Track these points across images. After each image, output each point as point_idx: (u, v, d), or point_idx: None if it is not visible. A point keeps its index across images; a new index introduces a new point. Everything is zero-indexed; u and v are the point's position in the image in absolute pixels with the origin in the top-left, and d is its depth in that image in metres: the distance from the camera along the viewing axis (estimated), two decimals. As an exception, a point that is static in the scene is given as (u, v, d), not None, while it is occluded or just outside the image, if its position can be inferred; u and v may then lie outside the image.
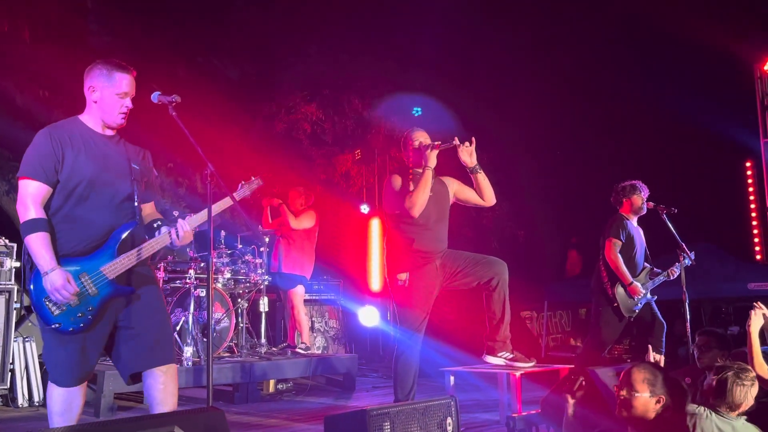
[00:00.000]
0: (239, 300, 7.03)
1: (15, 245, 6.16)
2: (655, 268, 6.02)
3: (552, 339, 11.32)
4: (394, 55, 10.06)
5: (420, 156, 4.64)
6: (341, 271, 10.07)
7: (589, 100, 11.35)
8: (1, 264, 5.95)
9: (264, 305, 7.23)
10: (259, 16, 9.19)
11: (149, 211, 3.41)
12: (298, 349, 7.30)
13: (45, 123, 8.27)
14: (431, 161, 4.55)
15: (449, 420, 3.52)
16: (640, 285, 5.77)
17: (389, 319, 10.13)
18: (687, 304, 5.68)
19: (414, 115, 10.52)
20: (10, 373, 5.81)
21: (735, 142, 8.96)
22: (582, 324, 11.44)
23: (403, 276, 4.60)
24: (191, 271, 6.51)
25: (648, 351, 5.79)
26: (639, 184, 6.03)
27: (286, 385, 7.05)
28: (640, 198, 5.97)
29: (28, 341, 5.97)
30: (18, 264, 6.12)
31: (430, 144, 4.62)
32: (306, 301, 8.21)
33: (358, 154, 10.90)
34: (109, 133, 3.27)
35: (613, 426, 3.22)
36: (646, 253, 6.08)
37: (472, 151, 4.70)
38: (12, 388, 5.83)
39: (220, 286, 6.85)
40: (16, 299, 6.04)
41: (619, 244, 5.83)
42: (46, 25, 7.48)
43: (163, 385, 3.12)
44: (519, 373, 4.84)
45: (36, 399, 5.85)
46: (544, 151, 11.99)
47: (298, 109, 10.14)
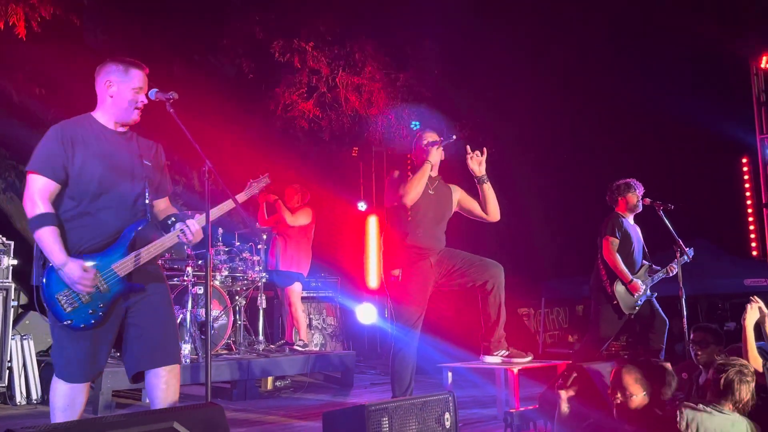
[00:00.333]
0: (237, 297, 7.04)
1: (12, 243, 6.16)
2: (653, 265, 6.03)
3: (549, 336, 11.35)
4: (393, 53, 10.06)
5: (423, 152, 4.72)
6: (339, 269, 10.08)
7: (585, 98, 11.35)
8: (-2, 262, 5.95)
9: (262, 302, 7.25)
10: (257, 15, 9.18)
11: (163, 206, 3.41)
12: (295, 347, 7.31)
13: (42, 121, 8.32)
14: (432, 156, 4.63)
15: (447, 415, 3.53)
16: (639, 282, 5.78)
17: (387, 316, 10.14)
18: (684, 301, 5.70)
19: (412, 129, 10.59)
20: (8, 371, 5.82)
21: (731, 139, 8.98)
22: (579, 321, 11.47)
23: (396, 272, 4.62)
24: (189, 269, 6.52)
25: (647, 346, 5.81)
26: (633, 182, 6.04)
27: (284, 382, 7.06)
28: (635, 196, 5.97)
29: (25, 339, 5.97)
30: (15, 261, 6.12)
31: (434, 141, 4.71)
32: (304, 298, 8.22)
33: (355, 151, 10.90)
34: (122, 129, 3.27)
35: (608, 420, 3.24)
36: (644, 251, 6.09)
37: (482, 161, 4.77)
38: (10, 386, 5.83)
39: (217, 283, 6.85)
40: (13, 297, 6.04)
41: (616, 242, 5.84)
42: (42, 24, 7.46)
43: (166, 384, 3.12)
44: (516, 369, 4.87)
45: (34, 397, 5.85)
46: (542, 148, 12.00)
47: (295, 107, 10.13)
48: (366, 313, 9.68)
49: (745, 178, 8.31)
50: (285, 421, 5.20)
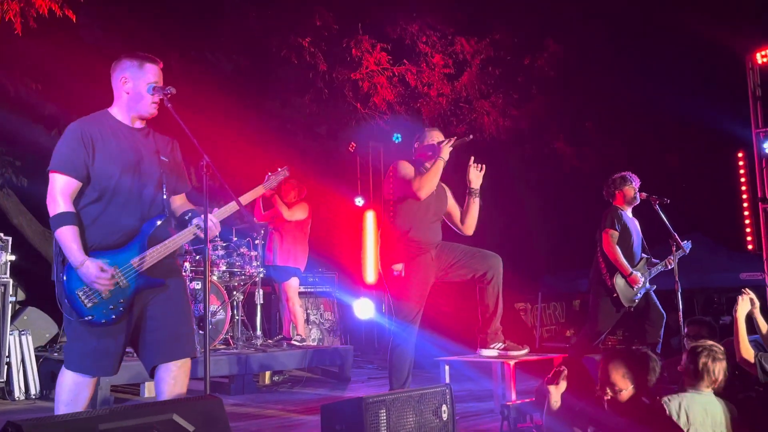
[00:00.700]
0: (235, 292, 7.05)
1: (10, 239, 6.17)
2: (652, 258, 6.06)
3: (546, 330, 11.40)
4: (388, 47, 10.05)
5: (430, 152, 4.75)
6: (336, 264, 10.10)
7: (582, 94, 11.38)
8: (-4, 258, 5.96)
9: (259, 298, 7.26)
10: (253, 10, 9.17)
11: (180, 202, 3.43)
12: (293, 341, 7.33)
13: (38, 117, 8.28)
14: (445, 153, 4.64)
15: (444, 407, 3.56)
16: (639, 274, 5.81)
17: (384, 311, 10.17)
18: (680, 294, 5.73)
19: (395, 141, 10.70)
20: (6, 366, 5.83)
21: (727, 133, 9.00)
22: (576, 315, 11.53)
23: (398, 266, 4.61)
24: (187, 264, 6.54)
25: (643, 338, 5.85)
26: (629, 175, 6.07)
27: (282, 376, 7.08)
28: (632, 189, 6.00)
29: (24, 334, 5.98)
30: (13, 257, 6.13)
31: (446, 139, 4.72)
32: (301, 293, 8.23)
33: (353, 147, 10.91)
34: (139, 125, 3.28)
35: (600, 411, 3.26)
36: (643, 244, 6.11)
37: (481, 176, 4.84)
38: (8, 381, 5.85)
39: (215, 278, 6.87)
40: (11, 292, 6.06)
41: (615, 234, 5.87)
42: (38, 19, 7.45)
43: (174, 379, 3.14)
44: (513, 362, 4.89)
45: (32, 392, 5.86)
46: (539, 143, 12.02)
47: (292, 102, 10.13)
48: (363, 308, 9.71)
49: (741, 172, 8.32)
50: (283, 415, 5.22)
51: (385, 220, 4.84)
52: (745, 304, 3.84)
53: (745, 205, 8.24)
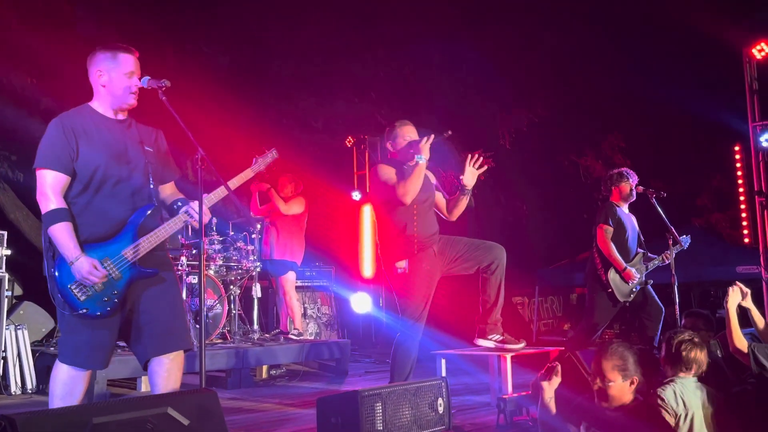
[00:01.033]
0: (231, 287, 7.04)
1: (5, 233, 6.15)
2: (649, 253, 6.05)
3: (543, 324, 11.43)
4: (385, 41, 10.04)
5: (410, 151, 4.60)
6: (333, 258, 10.10)
7: (578, 84, 11.37)
8: (-9, 252, 5.95)
9: (256, 292, 7.26)
10: (250, 3, 9.15)
11: (169, 191, 3.41)
12: (290, 335, 7.33)
13: (34, 111, 8.24)
14: (426, 153, 4.50)
15: (440, 401, 3.56)
16: (634, 270, 5.80)
17: (381, 305, 10.17)
18: (676, 288, 5.73)
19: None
20: (2, 361, 5.82)
21: (723, 126, 9.01)
22: (573, 309, 11.56)
23: (402, 264, 4.54)
24: (183, 258, 6.53)
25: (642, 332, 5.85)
26: (626, 171, 6.05)
27: (279, 370, 7.08)
28: (629, 185, 5.99)
29: (20, 329, 5.97)
30: (9, 252, 6.11)
31: (423, 138, 4.56)
32: (298, 287, 8.23)
33: (350, 142, 10.89)
34: (121, 117, 3.27)
35: (593, 404, 3.25)
36: (640, 239, 6.10)
37: (476, 175, 4.73)
38: (5, 376, 5.84)
39: (212, 272, 6.86)
40: (7, 287, 6.04)
41: (610, 230, 5.86)
42: (33, 12, 7.42)
43: (168, 372, 3.13)
44: (509, 356, 4.89)
45: (29, 386, 5.86)
46: (536, 138, 12.02)
47: (289, 96, 10.11)
48: (360, 302, 9.71)
49: (738, 165, 8.33)
50: (279, 409, 5.22)
51: (379, 220, 4.77)
52: (736, 295, 3.86)
53: (741, 198, 8.25)
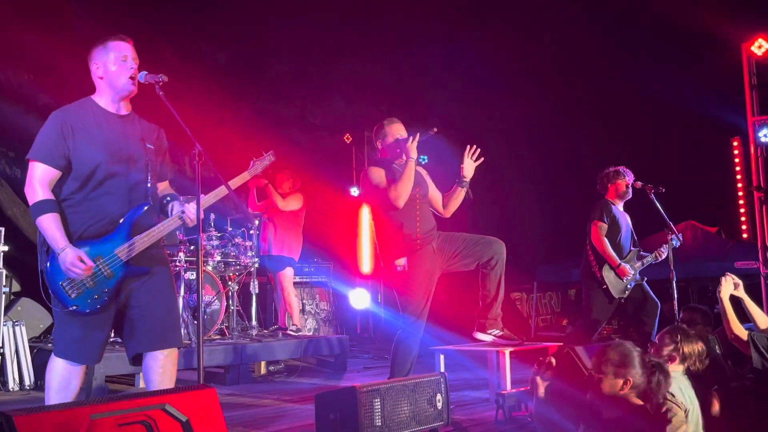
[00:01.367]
0: (230, 283, 7.04)
1: (3, 229, 6.14)
2: (642, 250, 6.05)
3: (542, 320, 11.42)
4: (383, 38, 10.03)
5: (398, 149, 4.57)
6: (332, 254, 10.10)
7: (576, 81, 11.37)
8: (-12, 248, 5.94)
9: (254, 288, 7.25)
10: (248, 2, 9.14)
11: (162, 187, 3.40)
12: (289, 331, 7.33)
13: (30, 107, 8.23)
14: (413, 153, 4.45)
15: (439, 396, 3.56)
16: (628, 266, 5.81)
17: (380, 301, 10.18)
18: (674, 284, 5.73)
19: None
20: (0, 357, 5.82)
21: (722, 122, 9.01)
22: (571, 305, 11.55)
23: (401, 261, 4.51)
24: (181, 254, 6.52)
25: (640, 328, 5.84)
26: (623, 170, 6.04)
27: (278, 366, 7.08)
28: (624, 183, 5.98)
29: (17, 325, 5.96)
30: (6, 248, 6.10)
31: (409, 137, 4.51)
32: (297, 283, 8.22)
33: (348, 138, 10.88)
34: (123, 112, 3.24)
35: (594, 409, 3.20)
36: (633, 237, 6.11)
37: (474, 166, 4.73)
38: (2, 372, 5.84)
39: (210, 268, 6.85)
40: (5, 283, 6.03)
41: (604, 227, 5.86)
42: (30, 9, 7.40)
43: (162, 368, 3.13)
44: (508, 351, 4.88)
45: (27, 383, 5.85)
46: (533, 133, 12.02)
47: (287, 93, 10.11)
48: (359, 298, 9.71)
49: (736, 160, 8.33)
50: (278, 404, 5.22)
51: (375, 218, 4.73)
52: (728, 285, 3.86)
53: (740, 193, 8.25)
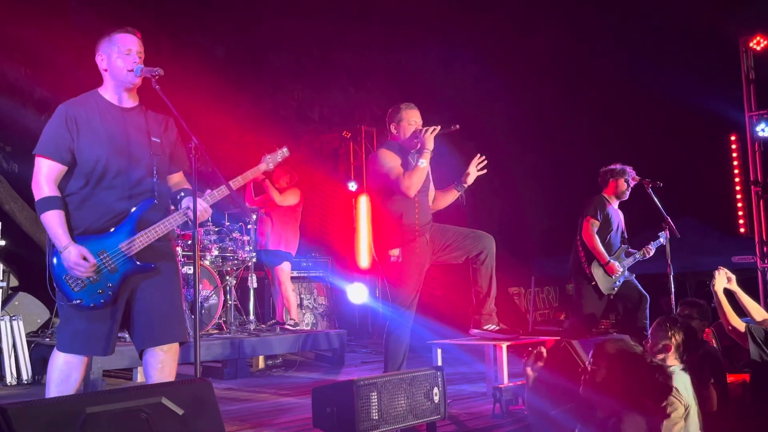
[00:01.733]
0: (227, 277, 7.04)
1: (0, 224, 6.13)
2: (629, 248, 6.06)
3: (539, 314, 11.43)
4: (381, 31, 10.00)
5: (414, 138, 4.56)
6: (330, 249, 10.10)
7: (574, 78, 11.36)
8: (-14, 243, 5.94)
9: (252, 282, 7.25)
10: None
11: (177, 179, 3.39)
12: (286, 326, 7.34)
13: (28, 101, 8.19)
14: (431, 144, 4.44)
15: (436, 390, 3.56)
16: (617, 263, 5.81)
17: (378, 295, 10.18)
18: (672, 278, 5.74)
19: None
20: (-2, 352, 5.82)
21: (719, 116, 9.00)
22: (569, 299, 11.54)
23: (395, 252, 4.52)
24: (178, 249, 6.50)
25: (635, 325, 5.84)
26: (629, 170, 6.02)
27: (276, 361, 7.08)
28: (626, 183, 5.97)
29: (15, 320, 5.96)
30: (3, 242, 6.10)
31: (430, 127, 4.50)
32: (295, 278, 8.21)
33: (347, 134, 10.87)
34: (129, 104, 3.23)
35: (584, 398, 3.18)
36: (623, 235, 6.10)
37: (477, 174, 4.78)
38: (0, 367, 5.84)
39: (207, 263, 6.85)
40: (2, 278, 6.03)
41: (596, 224, 5.87)
42: (26, 1, 7.37)
43: (162, 363, 3.14)
44: (505, 345, 4.90)
45: (24, 377, 5.85)
46: (532, 128, 12.01)
47: (285, 87, 10.08)
48: (357, 293, 9.71)
49: (734, 155, 8.33)
50: (276, 399, 5.23)
51: (375, 206, 4.74)
52: (722, 278, 3.88)
53: (737, 188, 8.26)
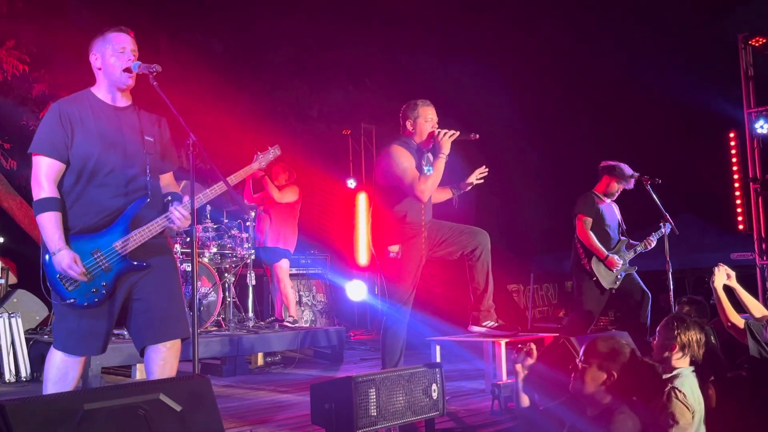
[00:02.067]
0: (226, 274, 7.04)
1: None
2: (630, 240, 6.04)
3: (538, 311, 11.44)
4: (380, 30, 10.00)
5: (430, 139, 4.53)
6: (328, 246, 10.10)
7: (574, 76, 11.35)
8: (-16, 240, 5.92)
9: (251, 279, 7.25)
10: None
11: (167, 181, 3.40)
12: (285, 323, 7.34)
13: (26, 98, 8.18)
14: (447, 148, 4.43)
15: (434, 387, 3.56)
16: (616, 257, 5.80)
17: (376, 292, 10.18)
18: (670, 275, 5.73)
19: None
20: (-4, 349, 5.82)
21: (718, 113, 8.99)
22: (568, 296, 11.55)
23: (394, 248, 4.52)
24: (177, 246, 6.51)
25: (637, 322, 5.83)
26: (627, 170, 5.94)
27: (274, 358, 7.08)
28: (620, 185, 5.92)
29: (13, 317, 5.95)
30: (1, 239, 6.09)
31: (449, 131, 4.47)
32: (293, 275, 8.21)
33: (347, 132, 10.87)
34: (122, 104, 3.23)
35: (579, 409, 3.15)
36: (621, 227, 6.08)
37: (474, 183, 4.83)
38: (-2, 364, 5.84)
39: (206, 260, 6.85)
40: (1, 276, 6.03)
41: (588, 221, 5.85)
42: (26, 0, 7.36)
43: (164, 360, 3.14)
44: (504, 342, 4.90)
45: (23, 374, 5.84)
46: (528, 123, 12.00)
47: (283, 84, 10.08)
48: (356, 290, 9.72)
49: (733, 153, 8.31)
50: (274, 396, 5.23)
51: (377, 203, 4.70)
52: (721, 274, 3.87)
53: (736, 185, 8.25)
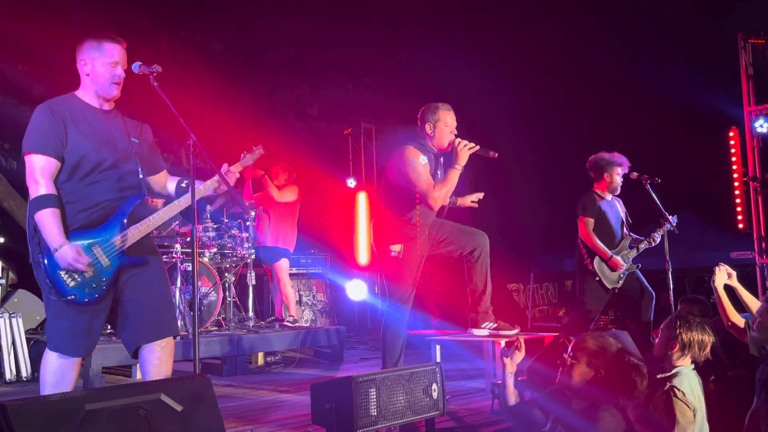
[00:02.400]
0: (226, 274, 7.04)
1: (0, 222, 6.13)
2: (634, 236, 6.03)
3: (538, 311, 11.46)
4: (380, 29, 10.00)
5: (449, 147, 4.53)
6: (328, 245, 10.10)
7: (574, 74, 11.35)
8: (-15, 241, 5.93)
9: (251, 279, 7.25)
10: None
11: (165, 180, 3.47)
12: (285, 323, 7.34)
13: (25, 98, 8.19)
14: (464, 160, 4.45)
15: (434, 386, 3.57)
16: (620, 258, 5.79)
17: (377, 292, 10.19)
18: (670, 274, 5.73)
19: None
20: (-3, 349, 5.82)
21: (718, 112, 8.99)
22: (568, 296, 11.57)
23: (396, 247, 4.53)
24: (177, 246, 6.51)
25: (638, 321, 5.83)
26: (616, 158, 5.91)
27: (275, 357, 7.08)
28: (615, 174, 5.88)
29: (14, 317, 5.96)
30: (2, 240, 6.09)
31: (469, 143, 4.48)
32: (294, 274, 8.21)
33: (347, 131, 10.87)
34: (106, 108, 3.27)
35: (566, 403, 3.13)
36: (624, 224, 6.06)
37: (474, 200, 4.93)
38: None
39: (206, 260, 6.85)
40: (1, 275, 6.03)
41: (591, 222, 5.84)
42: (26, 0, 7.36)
43: (159, 359, 3.15)
44: (504, 341, 4.89)
45: (24, 374, 5.85)
46: (528, 123, 12.01)
47: (284, 83, 10.08)
48: (356, 289, 9.72)
49: (732, 151, 8.31)
50: (274, 395, 5.23)
51: (382, 202, 4.69)
52: (722, 274, 3.86)
53: (736, 184, 8.24)
